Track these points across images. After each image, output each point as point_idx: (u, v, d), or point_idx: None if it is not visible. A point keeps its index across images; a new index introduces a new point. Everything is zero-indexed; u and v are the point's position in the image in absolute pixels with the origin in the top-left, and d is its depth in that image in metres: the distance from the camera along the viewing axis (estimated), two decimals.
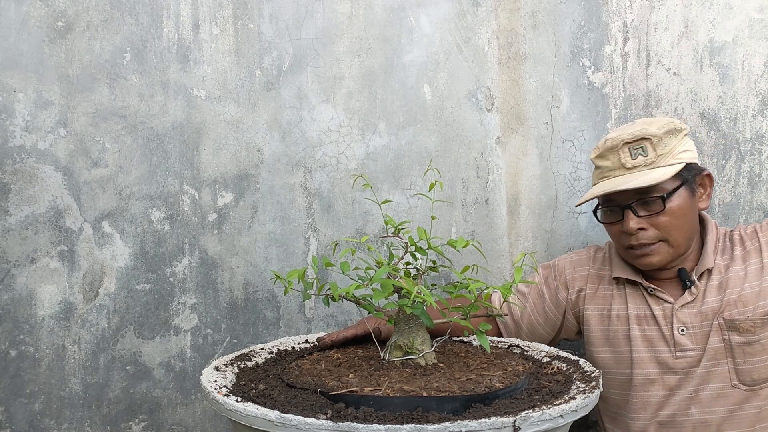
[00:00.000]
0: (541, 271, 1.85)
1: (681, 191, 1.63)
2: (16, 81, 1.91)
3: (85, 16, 1.93)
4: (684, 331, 1.65)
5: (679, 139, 1.64)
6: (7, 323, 1.93)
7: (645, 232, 1.64)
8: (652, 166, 1.62)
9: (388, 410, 1.26)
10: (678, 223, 1.63)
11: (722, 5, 2.01)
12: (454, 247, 1.49)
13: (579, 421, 1.34)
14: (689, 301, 1.66)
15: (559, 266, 1.83)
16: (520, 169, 2.06)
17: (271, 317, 2.03)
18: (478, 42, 2.03)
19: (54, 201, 1.93)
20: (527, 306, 1.82)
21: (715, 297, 1.65)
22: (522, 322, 1.83)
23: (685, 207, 1.64)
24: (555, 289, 1.81)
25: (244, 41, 1.98)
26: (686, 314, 1.66)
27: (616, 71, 2.04)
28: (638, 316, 1.69)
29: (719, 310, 1.64)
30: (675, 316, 1.65)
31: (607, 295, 1.75)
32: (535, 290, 1.83)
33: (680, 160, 1.63)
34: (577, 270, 1.81)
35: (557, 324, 1.81)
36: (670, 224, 1.62)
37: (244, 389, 1.40)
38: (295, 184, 2.02)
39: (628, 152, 1.63)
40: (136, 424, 1.99)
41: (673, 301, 1.67)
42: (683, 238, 1.65)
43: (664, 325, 1.66)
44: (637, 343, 1.68)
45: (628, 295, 1.72)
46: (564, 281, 1.81)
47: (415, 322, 1.46)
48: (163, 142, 1.97)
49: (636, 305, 1.70)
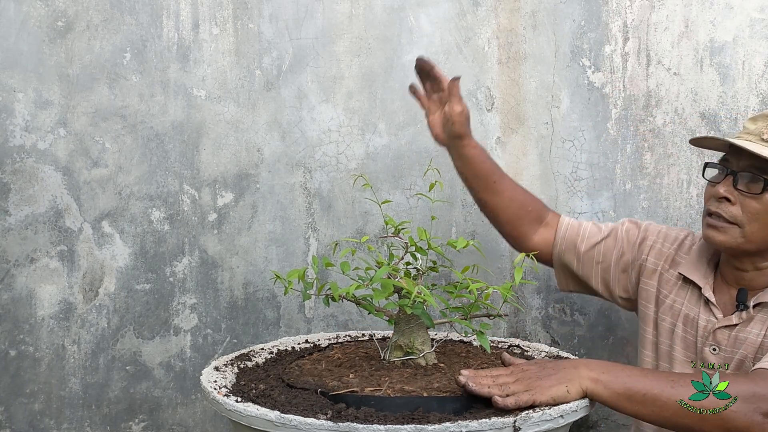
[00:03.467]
0: (628, 223, 1.75)
1: None
2: (16, 81, 1.91)
3: (85, 16, 1.93)
4: (716, 351, 1.55)
5: None
6: (7, 323, 1.93)
7: (729, 205, 1.50)
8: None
9: (388, 410, 1.26)
10: (765, 220, 1.49)
11: (722, 5, 2.00)
12: (454, 247, 1.48)
13: (579, 421, 1.34)
14: (733, 323, 1.55)
15: (646, 228, 1.73)
16: (520, 169, 2.06)
17: (271, 317, 2.03)
18: (478, 42, 2.03)
19: (54, 201, 1.93)
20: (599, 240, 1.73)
21: (759, 330, 1.52)
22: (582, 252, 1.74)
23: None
24: (633, 244, 1.72)
25: (244, 41, 1.98)
26: (724, 335, 1.55)
27: (616, 71, 2.04)
28: (687, 317, 1.61)
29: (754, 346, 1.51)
30: (713, 334, 1.56)
31: (671, 282, 1.66)
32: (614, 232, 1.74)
33: None
34: (659, 242, 1.71)
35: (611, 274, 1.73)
36: (757, 214, 1.48)
37: (244, 389, 1.40)
38: (295, 184, 2.02)
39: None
40: (136, 424, 1.99)
41: (719, 318, 1.57)
42: (761, 238, 1.51)
43: (701, 336, 1.58)
44: (677, 341, 1.61)
45: (690, 293, 1.63)
46: (644, 243, 1.72)
47: (416, 322, 1.46)
48: (163, 142, 1.97)
49: (691, 306, 1.61)
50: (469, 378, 1.30)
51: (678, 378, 1.36)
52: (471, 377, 1.31)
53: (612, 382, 1.33)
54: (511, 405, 1.26)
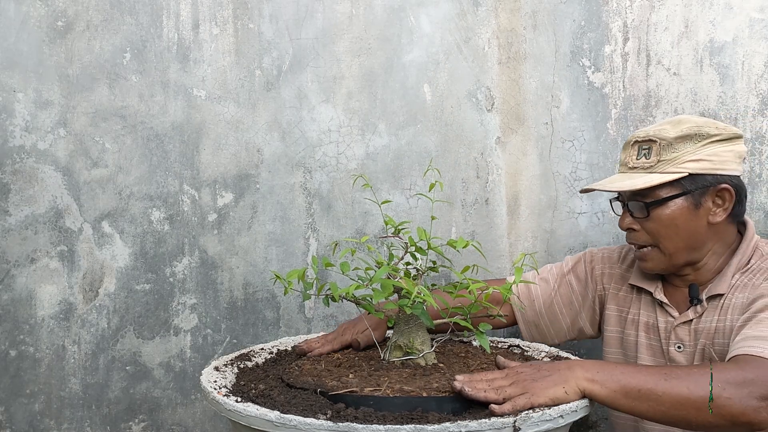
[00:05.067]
0: (571, 262, 1.82)
1: (678, 201, 1.55)
2: (16, 81, 1.91)
3: (85, 16, 1.93)
4: (681, 349, 1.61)
5: (697, 147, 1.54)
6: (7, 323, 1.93)
7: (635, 233, 1.61)
8: (648, 170, 1.56)
9: (387, 410, 1.26)
10: (667, 233, 1.57)
11: (722, 5, 2.00)
12: (454, 247, 1.48)
13: (579, 421, 1.34)
14: (690, 318, 1.60)
15: (591, 259, 1.80)
16: (520, 169, 2.06)
17: (271, 317, 2.03)
18: (478, 42, 2.03)
19: (54, 201, 1.93)
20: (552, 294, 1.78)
21: (713, 317, 1.58)
22: (544, 311, 1.79)
23: (679, 218, 1.56)
24: (585, 281, 1.78)
25: (244, 41, 1.98)
26: (684, 331, 1.61)
27: (616, 71, 2.04)
28: (647, 324, 1.67)
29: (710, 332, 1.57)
30: (674, 332, 1.62)
31: (627, 298, 1.72)
32: (564, 280, 1.80)
33: (683, 170, 1.54)
34: (606, 267, 1.78)
35: (579, 316, 1.79)
36: (657, 232, 1.58)
37: (244, 389, 1.40)
38: (295, 184, 2.02)
39: (636, 151, 1.59)
40: (136, 424, 1.99)
41: (676, 316, 1.62)
42: (676, 248, 1.58)
43: (664, 338, 1.63)
44: (642, 350, 1.66)
45: (643, 302, 1.69)
46: (593, 275, 1.78)
47: (415, 322, 1.46)
48: (163, 142, 1.97)
49: (647, 313, 1.68)
50: (464, 383, 1.31)
51: (670, 371, 1.37)
52: (466, 382, 1.31)
53: (607, 380, 1.34)
54: (509, 411, 1.26)
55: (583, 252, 1.83)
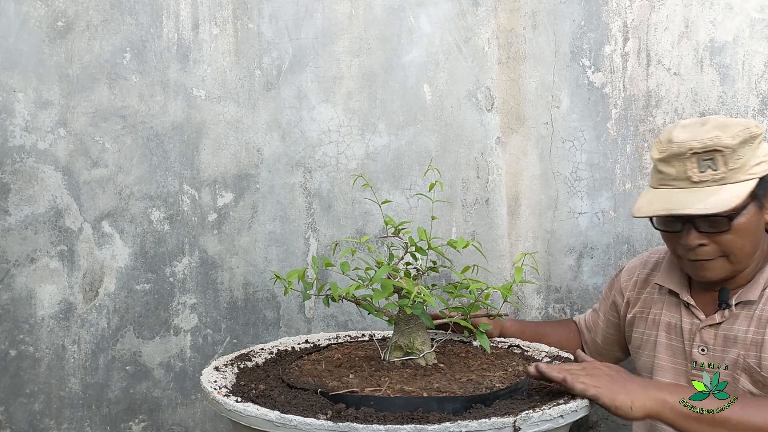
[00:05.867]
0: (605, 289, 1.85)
1: (750, 207, 1.48)
2: (16, 81, 1.91)
3: (85, 16, 1.93)
4: (704, 351, 1.57)
5: (754, 149, 1.47)
6: (7, 323, 1.93)
7: (705, 248, 1.50)
8: (721, 182, 1.46)
9: (388, 411, 1.26)
10: (741, 242, 1.49)
11: (723, 5, 2.00)
12: (454, 247, 1.48)
13: (579, 421, 1.34)
14: (717, 322, 1.56)
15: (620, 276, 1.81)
16: (520, 169, 2.06)
17: (271, 317, 2.03)
18: (478, 42, 2.03)
19: (54, 201, 1.93)
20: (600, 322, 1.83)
21: (744, 327, 1.53)
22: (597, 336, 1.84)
23: (751, 223, 1.49)
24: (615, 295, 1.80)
25: (243, 41, 1.98)
26: (710, 334, 1.57)
27: (616, 71, 2.04)
28: (669, 324, 1.64)
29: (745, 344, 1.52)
30: (699, 334, 1.58)
31: (648, 299, 1.71)
32: (605, 304, 1.83)
33: (753, 175, 1.46)
34: (629, 276, 1.78)
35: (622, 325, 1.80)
36: (733, 242, 1.49)
37: (244, 389, 1.40)
38: (295, 184, 2.02)
39: (696, 163, 1.47)
40: (136, 424, 1.99)
41: (703, 318, 1.58)
42: (745, 255, 1.52)
43: (688, 339, 1.60)
44: (660, 350, 1.65)
45: (667, 302, 1.66)
46: (620, 289, 1.79)
47: (415, 322, 1.46)
48: (163, 142, 1.97)
49: (671, 313, 1.65)
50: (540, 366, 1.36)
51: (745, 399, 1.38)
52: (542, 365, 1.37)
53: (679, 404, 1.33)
54: (579, 390, 1.31)
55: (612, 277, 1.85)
